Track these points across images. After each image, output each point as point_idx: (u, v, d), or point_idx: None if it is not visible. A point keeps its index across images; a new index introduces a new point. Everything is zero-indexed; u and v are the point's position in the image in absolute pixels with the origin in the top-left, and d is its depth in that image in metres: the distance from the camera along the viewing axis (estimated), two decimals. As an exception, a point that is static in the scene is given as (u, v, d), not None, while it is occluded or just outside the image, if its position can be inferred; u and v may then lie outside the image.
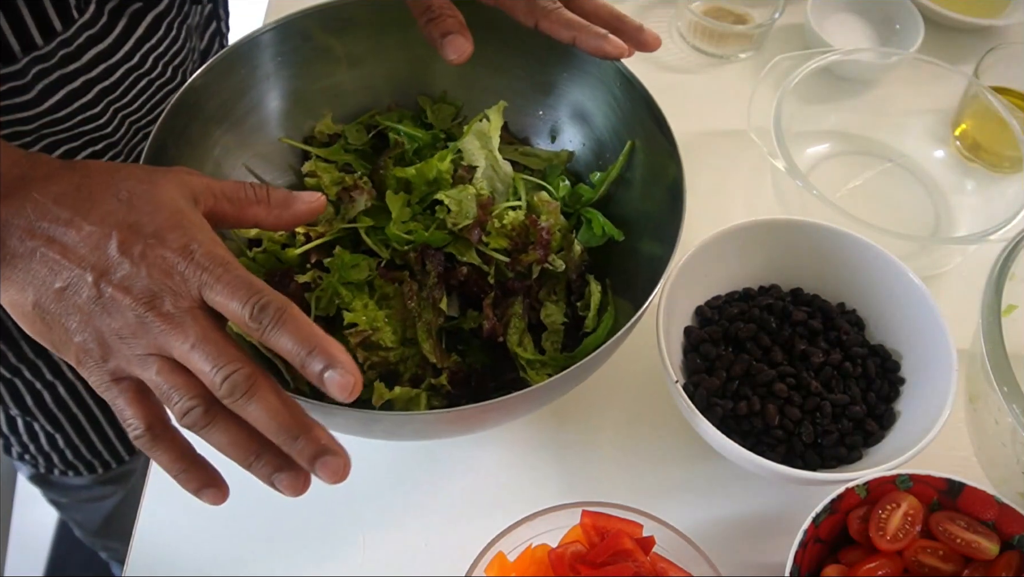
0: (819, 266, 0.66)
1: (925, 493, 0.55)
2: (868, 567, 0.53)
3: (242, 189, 0.49)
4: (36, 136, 0.66)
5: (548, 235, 0.61)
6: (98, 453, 0.94)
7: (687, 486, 0.63)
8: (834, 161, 0.82)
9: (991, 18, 0.91)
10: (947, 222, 0.78)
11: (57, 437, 0.89)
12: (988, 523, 0.54)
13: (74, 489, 1.02)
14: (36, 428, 0.88)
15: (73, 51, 0.62)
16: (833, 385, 0.61)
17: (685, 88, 0.87)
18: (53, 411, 0.86)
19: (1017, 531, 0.53)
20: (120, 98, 0.68)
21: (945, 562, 0.53)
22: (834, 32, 0.90)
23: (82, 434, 0.90)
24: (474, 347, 0.62)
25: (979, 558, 0.53)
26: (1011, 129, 0.74)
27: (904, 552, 0.54)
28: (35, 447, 0.91)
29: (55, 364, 0.81)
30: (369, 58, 0.69)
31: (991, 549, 0.53)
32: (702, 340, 0.63)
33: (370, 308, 0.59)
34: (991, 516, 0.54)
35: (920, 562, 0.54)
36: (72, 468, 0.94)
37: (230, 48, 0.61)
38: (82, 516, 1.13)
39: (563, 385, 0.53)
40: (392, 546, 0.60)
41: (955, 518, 0.54)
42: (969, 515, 0.55)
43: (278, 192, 0.50)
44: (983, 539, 0.53)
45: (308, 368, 0.41)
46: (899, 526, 0.54)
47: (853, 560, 0.54)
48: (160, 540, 0.60)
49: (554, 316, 0.63)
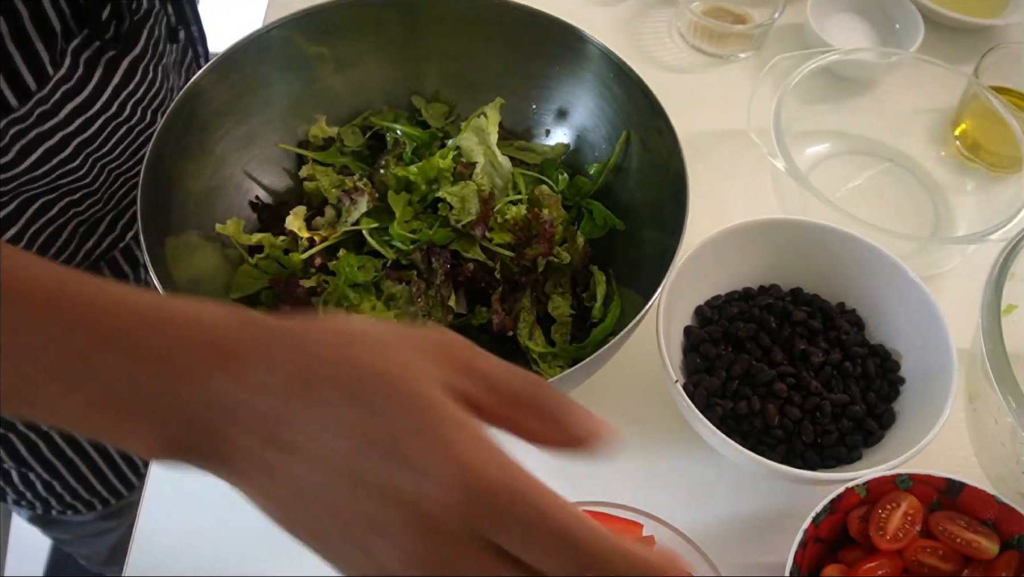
0: (819, 266, 0.66)
1: (925, 493, 0.55)
2: (868, 567, 0.53)
3: (526, 381, 0.35)
4: (12, 194, 0.64)
5: (551, 228, 0.62)
6: (97, 493, 0.92)
7: (687, 486, 0.62)
8: (834, 161, 0.82)
9: (991, 18, 0.91)
10: (947, 222, 0.78)
11: (55, 484, 0.87)
12: (988, 523, 0.54)
13: (76, 526, 1.00)
14: (32, 477, 0.86)
15: (50, 108, 0.61)
16: (833, 385, 0.61)
17: (685, 88, 0.87)
18: (50, 460, 0.84)
19: (1017, 531, 0.53)
20: (99, 148, 0.66)
21: (945, 562, 0.53)
22: (834, 32, 0.90)
23: (80, 478, 0.88)
24: (483, 343, 0.62)
25: (979, 558, 0.53)
26: (1011, 129, 0.74)
27: (904, 552, 0.54)
28: (32, 494, 0.89)
29: None
30: (360, 61, 0.69)
31: (991, 549, 0.53)
32: (702, 340, 0.63)
33: (378, 309, 0.60)
34: (991, 516, 0.54)
35: (920, 562, 0.54)
36: (71, 508, 0.93)
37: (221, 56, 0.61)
38: (88, 550, 1.11)
39: (579, 375, 0.54)
40: (392, 546, 0.59)
41: (955, 518, 0.54)
42: (969, 515, 0.55)
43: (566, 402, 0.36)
44: (983, 539, 0.53)
45: None
46: (899, 526, 0.54)
47: (853, 560, 0.54)
48: (160, 540, 0.60)
49: (561, 308, 0.63)
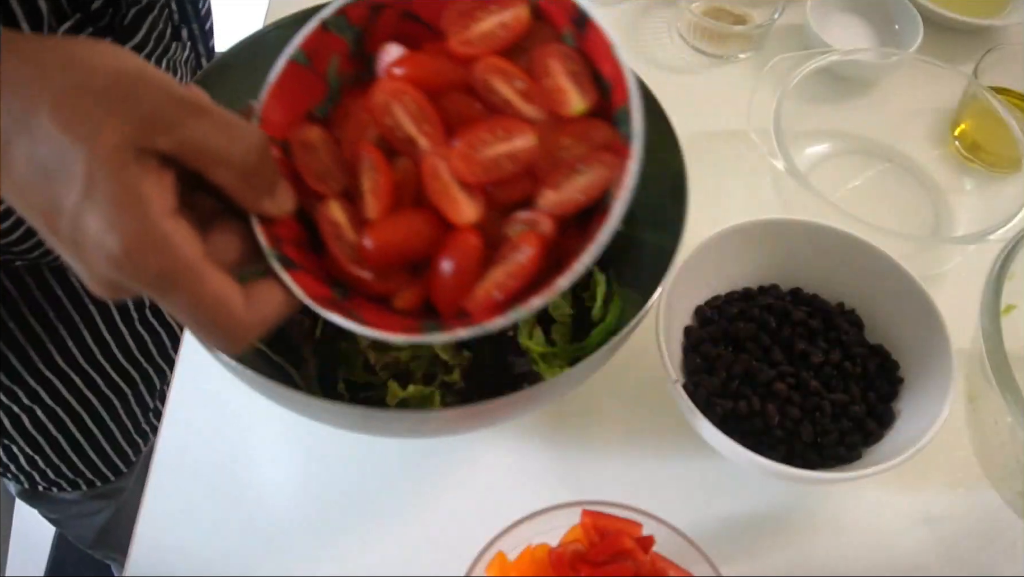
0: (819, 266, 0.66)
1: (558, 20, 0.44)
2: (423, 58, 0.43)
3: None
4: None
5: None
6: (81, 473, 0.93)
7: (687, 486, 0.63)
8: (834, 161, 0.83)
9: (991, 18, 0.91)
10: (947, 222, 0.78)
11: (37, 458, 0.88)
12: (604, 81, 0.43)
13: (64, 504, 1.01)
14: (15, 450, 0.87)
15: None
16: (833, 385, 0.61)
17: (685, 88, 0.87)
18: (32, 433, 0.84)
19: (622, 103, 0.42)
20: None
21: (523, 101, 0.43)
22: (834, 32, 0.90)
23: (63, 456, 0.89)
24: (483, 342, 0.62)
25: (560, 113, 0.43)
26: (1010, 129, 0.75)
27: (476, 66, 0.43)
28: (15, 466, 0.90)
29: (32, 390, 0.80)
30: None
31: (577, 107, 0.43)
32: (702, 340, 0.63)
33: None
34: (608, 72, 0.43)
35: (490, 87, 0.43)
36: (56, 485, 0.93)
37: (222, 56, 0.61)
38: (75, 531, 1.13)
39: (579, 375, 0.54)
40: (392, 546, 0.60)
41: (570, 58, 0.44)
42: (591, 61, 0.44)
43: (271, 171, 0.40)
44: (577, 92, 0.43)
45: None
46: (490, 31, 0.44)
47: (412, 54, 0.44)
48: (160, 540, 0.60)
49: (561, 308, 0.63)
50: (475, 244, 0.41)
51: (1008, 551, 0.61)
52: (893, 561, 0.60)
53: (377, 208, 0.42)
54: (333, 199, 0.42)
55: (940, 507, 0.62)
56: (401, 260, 0.42)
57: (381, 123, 0.43)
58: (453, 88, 0.43)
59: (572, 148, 0.43)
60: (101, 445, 0.91)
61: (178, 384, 0.66)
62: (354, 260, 0.42)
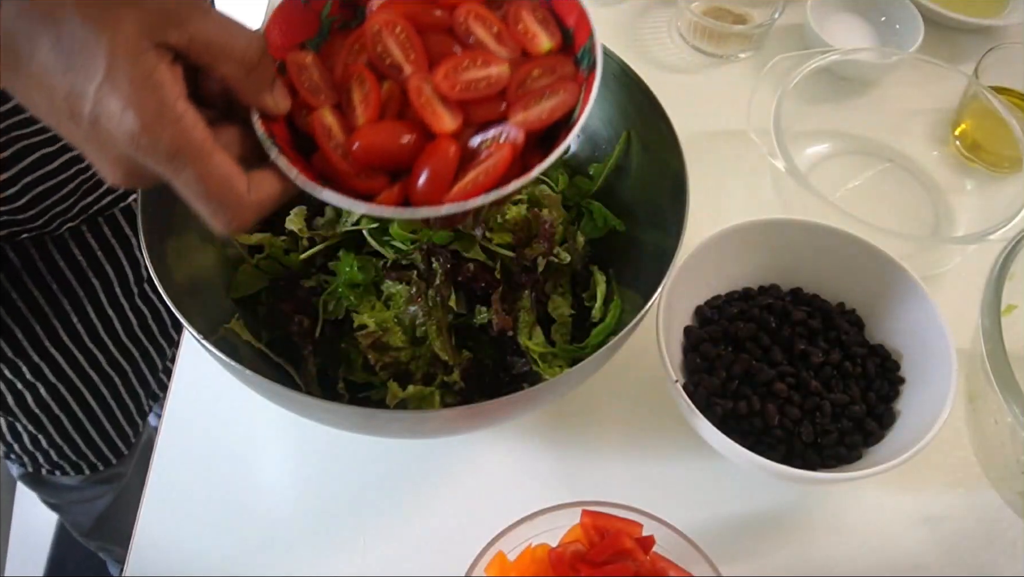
0: (819, 266, 0.66)
1: None
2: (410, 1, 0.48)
3: None
4: (7, 137, 0.66)
5: (551, 228, 0.62)
6: (83, 455, 0.94)
7: (687, 486, 0.63)
8: (834, 161, 0.83)
9: (991, 18, 0.91)
10: (947, 222, 0.78)
11: (40, 438, 0.89)
12: (567, 30, 0.49)
13: (65, 489, 1.02)
14: (19, 428, 0.88)
15: None
16: (833, 385, 0.61)
17: (685, 88, 0.87)
18: (35, 412, 0.86)
19: (583, 43, 0.48)
20: None
21: (496, 42, 0.48)
22: (834, 32, 0.90)
23: (65, 436, 0.90)
24: (483, 342, 0.62)
25: (530, 50, 0.48)
26: (1011, 129, 0.75)
27: (458, 11, 0.48)
28: (19, 446, 0.91)
29: (35, 365, 0.81)
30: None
31: (545, 44, 0.48)
32: (702, 340, 0.63)
33: (378, 309, 0.60)
34: (572, 22, 0.49)
35: (469, 30, 0.48)
36: (58, 468, 0.94)
37: None
38: (73, 518, 1.14)
39: (579, 375, 0.54)
40: (392, 546, 0.60)
41: (536, 9, 0.49)
42: (556, 17, 0.49)
43: None
44: (545, 34, 0.48)
45: None
46: None
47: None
48: (159, 541, 0.60)
49: (561, 308, 0.63)
50: (454, 149, 0.46)
51: (1008, 551, 0.61)
52: (893, 561, 0.60)
53: (366, 114, 0.47)
54: (326, 108, 0.47)
55: (940, 507, 0.62)
56: (385, 161, 0.46)
57: (372, 49, 0.47)
58: (435, 30, 0.49)
59: (540, 78, 0.48)
60: (103, 425, 0.91)
61: (178, 384, 0.66)
62: (343, 157, 0.46)
